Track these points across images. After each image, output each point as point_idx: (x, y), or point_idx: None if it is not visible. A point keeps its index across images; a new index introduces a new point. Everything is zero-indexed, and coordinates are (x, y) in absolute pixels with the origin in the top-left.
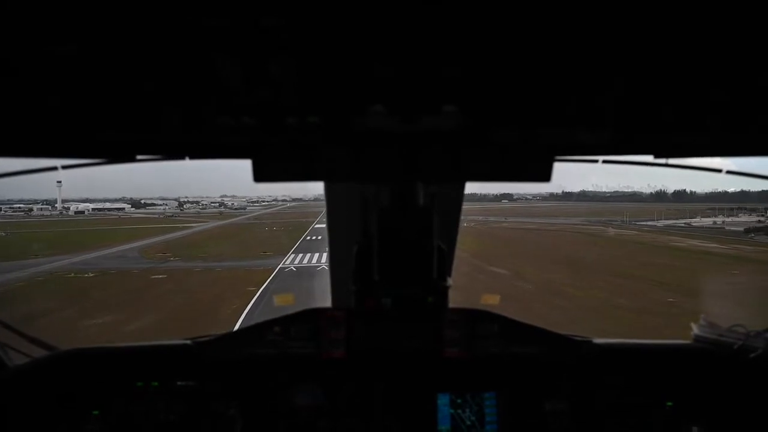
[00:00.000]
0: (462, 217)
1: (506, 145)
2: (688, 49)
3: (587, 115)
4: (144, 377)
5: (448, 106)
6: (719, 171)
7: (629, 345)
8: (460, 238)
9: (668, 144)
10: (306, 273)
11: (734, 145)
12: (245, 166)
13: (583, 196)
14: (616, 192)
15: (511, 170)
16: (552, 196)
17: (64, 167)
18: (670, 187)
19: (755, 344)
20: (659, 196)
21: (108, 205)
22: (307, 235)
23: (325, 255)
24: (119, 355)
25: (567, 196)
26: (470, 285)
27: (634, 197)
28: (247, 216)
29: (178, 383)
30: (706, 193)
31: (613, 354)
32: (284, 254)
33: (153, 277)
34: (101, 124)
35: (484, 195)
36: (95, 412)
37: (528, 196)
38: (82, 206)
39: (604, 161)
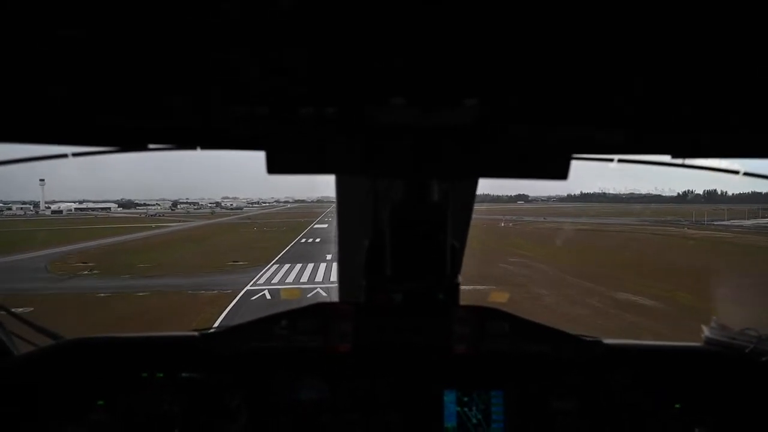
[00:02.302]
0: (492, 217)
1: (523, 142)
2: (709, 47)
3: (606, 114)
4: (149, 368)
5: (467, 100)
6: (737, 172)
7: (639, 346)
8: (515, 240)
9: (686, 144)
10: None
11: (754, 146)
12: (248, 169)
13: (603, 197)
14: (633, 194)
15: (528, 167)
16: (569, 197)
17: (75, 155)
18: (677, 189)
19: (767, 348)
20: (685, 197)
21: (91, 205)
22: (302, 237)
23: (322, 267)
24: (124, 345)
25: (585, 197)
26: None
27: (656, 199)
28: (240, 216)
29: (183, 375)
30: (733, 194)
31: (623, 355)
32: (264, 264)
33: None
34: (112, 110)
35: (498, 196)
36: (100, 402)
37: (542, 197)
38: (63, 206)
39: (620, 161)
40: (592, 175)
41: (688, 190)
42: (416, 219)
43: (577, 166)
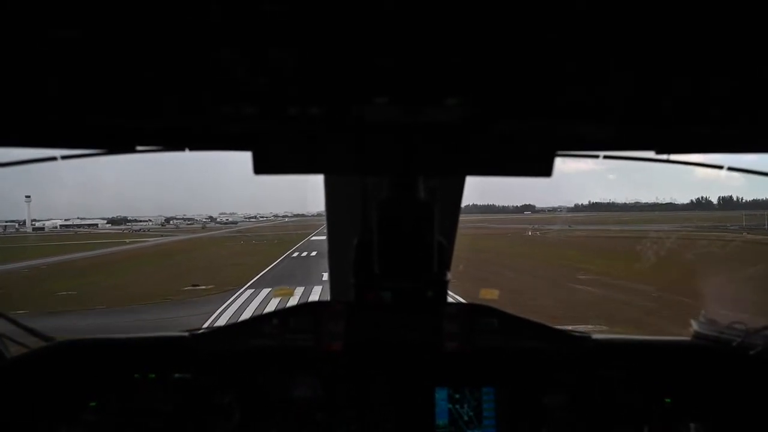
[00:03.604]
0: (511, 227)
1: (508, 139)
2: (694, 41)
3: (590, 109)
4: (141, 369)
5: (451, 98)
6: (720, 167)
7: (628, 341)
8: (563, 252)
9: (670, 139)
10: None
11: (737, 141)
12: (249, 187)
13: (612, 206)
14: (638, 203)
15: (513, 165)
16: (577, 207)
17: (63, 157)
18: (679, 198)
19: (755, 341)
20: (700, 204)
21: (78, 221)
22: (294, 251)
23: (316, 292)
24: (116, 347)
25: (594, 206)
26: None
27: (669, 206)
28: (231, 229)
29: (176, 375)
30: (747, 201)
31: (613, 350)
32: (236, 288)
33: None
34: (101, 111)
35: (504, 206)
36: (92, 404)
37: (548, 208)
38: (48, 223)
39: (605, 156)
40: (592, 184)
41: (702, 197)
42: (403, 216)
43: (578, 177)
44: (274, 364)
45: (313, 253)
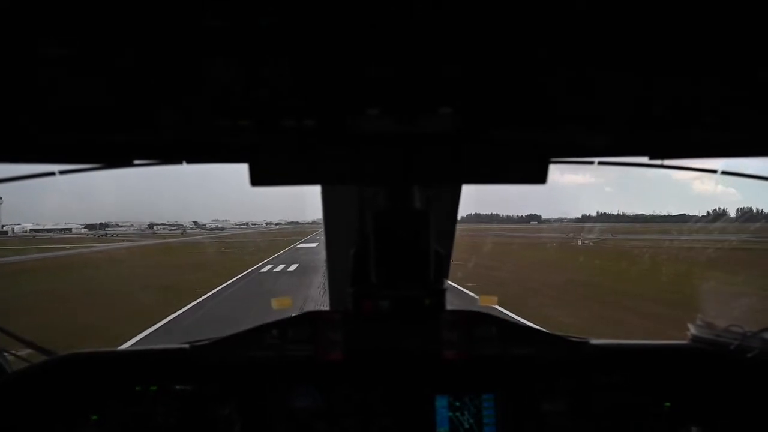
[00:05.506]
0: (534, 235)
1: (502, 147)
2: (686, 47)
3: (583, 116)
4: (142, 381)
5: (444, 108)
6: (714, 171)
7: (627, 345)
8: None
9: (664, 144)
10: None
11: (731, 146)
12: (244, 195)
13: (623, 216)
14: (642, 215)
15: (507, 172)
16: (584, 218)
17: (62, 172)
18: (671, 210)
19: (752, 344)
20: (717, 216)
21: (51, 226)
22: (267, 263)
23: None
24: (117, 360)
25: (604, 216)
26: None
27: (682, 218)
28: (213, 235)
29: (177, 387)
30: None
31: (611, 354)
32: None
33: None
34: (97, 127)
35: (509, 216)
36: (94, 417)
37: (553, 219)
38: (17, 228)
39: (600, 163)
40: (590, 196)
41: (719, 208)
42: (400, 226)
43: (576, 189)
44: (274, 375)
45: (292, 267)
